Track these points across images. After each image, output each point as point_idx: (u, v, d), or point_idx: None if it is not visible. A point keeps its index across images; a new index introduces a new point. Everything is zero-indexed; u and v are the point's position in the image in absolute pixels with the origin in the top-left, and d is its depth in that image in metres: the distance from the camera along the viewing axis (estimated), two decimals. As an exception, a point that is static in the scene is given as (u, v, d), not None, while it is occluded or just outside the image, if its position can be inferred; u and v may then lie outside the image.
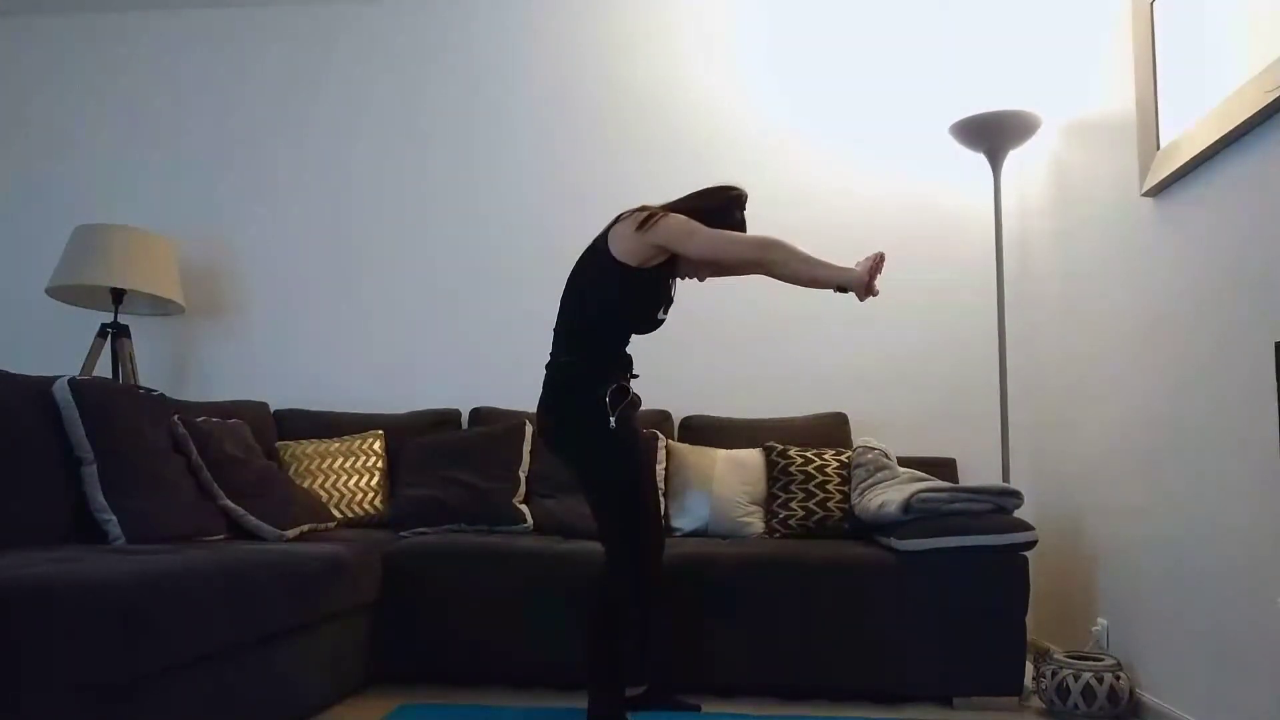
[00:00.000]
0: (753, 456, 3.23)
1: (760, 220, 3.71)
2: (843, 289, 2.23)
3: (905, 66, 3.77)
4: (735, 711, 2.55)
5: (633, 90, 3.88)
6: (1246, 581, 1.95)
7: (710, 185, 2.48)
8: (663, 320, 2.44)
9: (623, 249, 2.31)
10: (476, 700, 2.62)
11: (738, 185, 2.48)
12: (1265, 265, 1.90)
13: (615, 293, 2.33)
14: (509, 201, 3.89)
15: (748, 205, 2.48)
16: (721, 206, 2.41)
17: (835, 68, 3.81)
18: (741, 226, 2.43)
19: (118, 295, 3.53)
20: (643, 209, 2.35)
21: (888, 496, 2.79)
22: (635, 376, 2.45)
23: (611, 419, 2.26)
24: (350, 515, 3.25)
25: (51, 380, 2.45)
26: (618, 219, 2.39)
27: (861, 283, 2.20)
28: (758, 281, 3.70)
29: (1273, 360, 1.85)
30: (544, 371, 2.38)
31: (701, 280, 2.52)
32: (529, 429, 3.35)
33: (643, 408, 2.63)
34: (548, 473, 3.26)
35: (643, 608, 2.47)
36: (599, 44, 3.92)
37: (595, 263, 2.36)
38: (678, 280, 2.48)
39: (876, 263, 2.20)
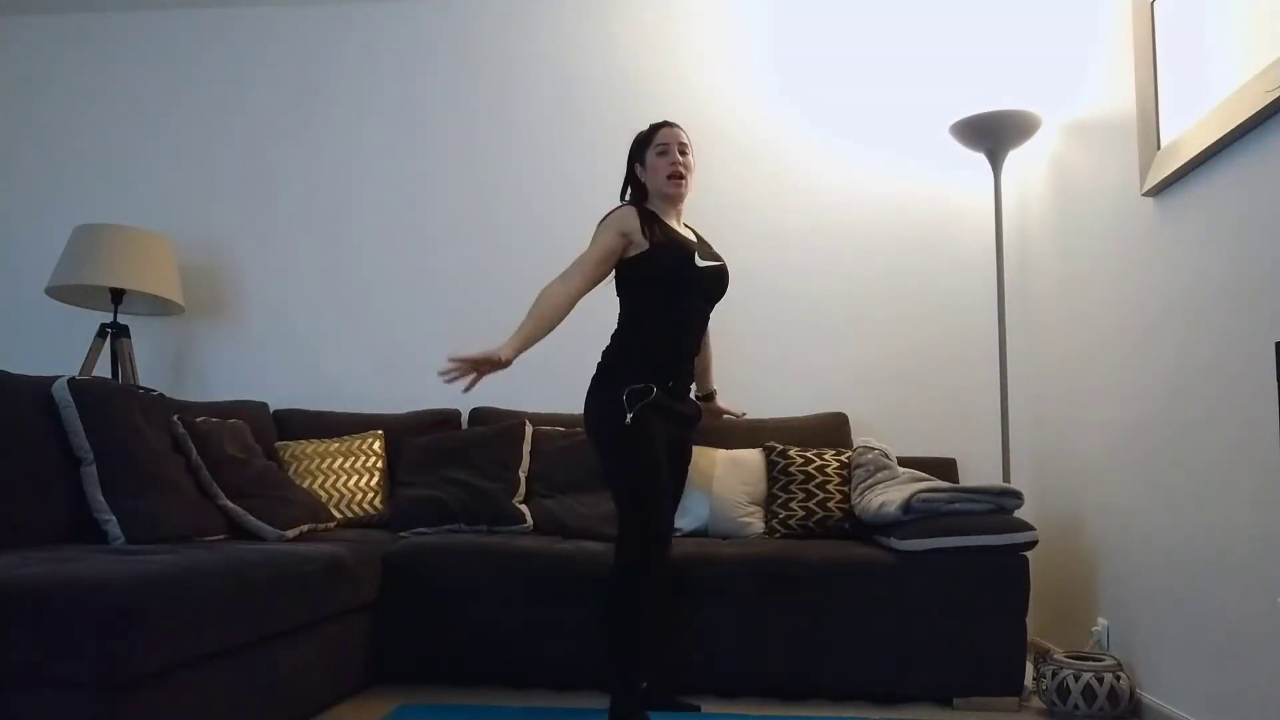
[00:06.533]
0: (753, 456, 3.23)
1: (761, 218, 3.76)
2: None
3: (906, 66, 3.76)
4: (735, 711, 2.55)
5: (635, 91, 3.87)
6: (1246, 581, 1.95)
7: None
8: (706, 269, 2.50)
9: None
10: (476, 700, 2.62)
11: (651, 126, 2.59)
12: (1265, 265, 1.90)
13: (631, 287, 2.47)
14: (509, 201, 3.89)
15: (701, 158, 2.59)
16: (632, 156, 2.60)
17: (836, 68, 3.80)
18: (662, 160, 2.51)
19: (117, 295, 3.53)
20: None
21: (888, 496, 2.79)
22: (674, 384, 2.45)
23: (628, 415, 2.31)
24: (350, 515, 3.25)
25: (51, 380, 2.45)
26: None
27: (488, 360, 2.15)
28: (758, 282, 3.73)
29: (1273, 360, 1.85)
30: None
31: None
32: (529, 429, 3.35)
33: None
34: (547, 473, 3.26)
35: (654, 598, 2.47)
36: (601, 44, 3.91)
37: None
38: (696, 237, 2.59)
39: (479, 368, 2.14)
